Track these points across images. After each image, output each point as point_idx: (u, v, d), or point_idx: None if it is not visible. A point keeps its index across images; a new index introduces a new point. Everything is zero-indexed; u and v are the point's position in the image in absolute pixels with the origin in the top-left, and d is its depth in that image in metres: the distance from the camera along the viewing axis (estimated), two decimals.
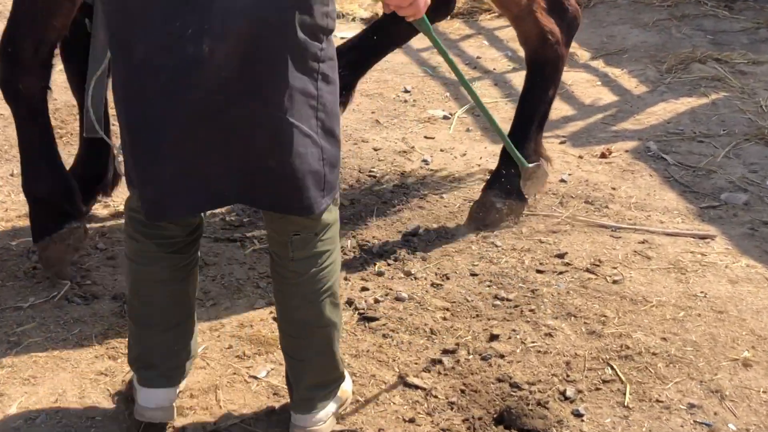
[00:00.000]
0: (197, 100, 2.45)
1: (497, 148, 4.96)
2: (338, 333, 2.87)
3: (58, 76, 4.02)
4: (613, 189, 4.59)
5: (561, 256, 4.00)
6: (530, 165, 3.94)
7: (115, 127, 4.23)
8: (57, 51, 3.69)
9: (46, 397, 3.11)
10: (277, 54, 2.44)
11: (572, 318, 3.59)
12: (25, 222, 4.16)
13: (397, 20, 3.70)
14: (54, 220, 3.75)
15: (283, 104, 2.48)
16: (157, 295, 2.84)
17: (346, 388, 3.06)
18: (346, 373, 3.05)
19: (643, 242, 4.13)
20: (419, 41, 6.62)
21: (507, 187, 4.22)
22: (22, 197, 4.33)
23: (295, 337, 2.84)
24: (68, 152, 4.50)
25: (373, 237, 4.13)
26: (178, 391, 2.98)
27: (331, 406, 2.94)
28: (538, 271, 3.90)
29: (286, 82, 2.47)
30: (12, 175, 4.63)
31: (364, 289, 3.75)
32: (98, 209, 4.28)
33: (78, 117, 4.18)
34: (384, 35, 4.46)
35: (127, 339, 3.03)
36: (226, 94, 2.45)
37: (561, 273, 3.89)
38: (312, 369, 2.86)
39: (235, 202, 2.73)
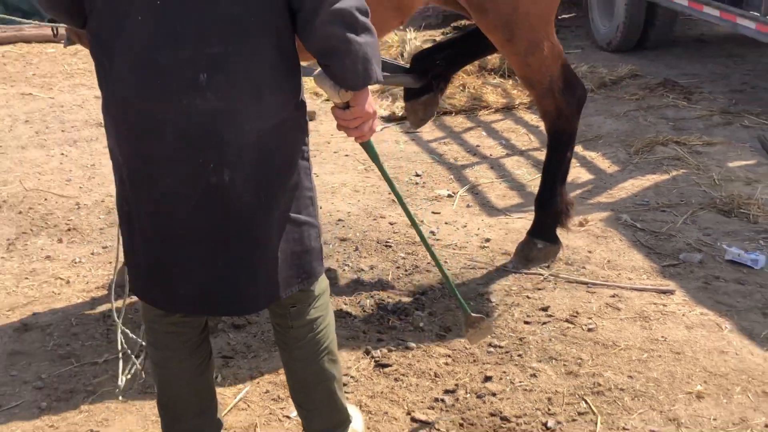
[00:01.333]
0: (221, 220, 2.44)
1: (493, 220, 5.06)
2: (339, 384, 2.85)
3: None
4: (589, 252, 4.62)
5: (545, 309, 4.03)
6: (475, 315, 3.34)
7: None
8: None
9: None
10: (283, 171, 2.48)
11: (553, 361, 3.62)
12: (102, 293, 4.26)
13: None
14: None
15: (290, 206, 2.52)
16: (183, 392, 2.81)
17: (356, 427, 3.06)
18: (355, 413, 3.08)
19: (613, 296, 4.15)
20: (429, 133, 6.76)
21: (544, 233, 4.44)
22: (100, 272, 4.47)
23: (301, 391, 2.84)
24: None
25: (389, 297, 4.18)
26: None
27: None
28: (525, 322, 3.93)
29: (291, 186, 2.51)
30: (93, 254, 4.72)
31: (379, 340, 3.80)
32: None
33: None
34: (475, 42, 4.61)
35: None
36: (248, 214, 2.45)
37: (544, 323, 3.91)
38: (319, 416, 2.87)
39: (251, 310, 2.77)
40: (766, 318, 3.94)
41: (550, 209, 4.48)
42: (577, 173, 5.79)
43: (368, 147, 2.73)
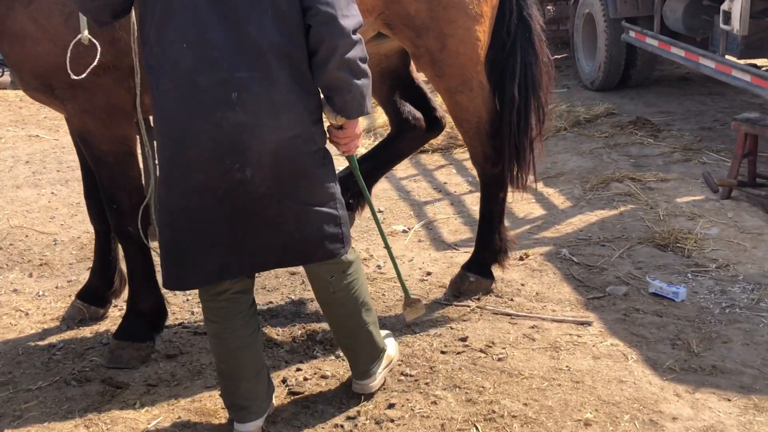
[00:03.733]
0: (242, 207, 3.02)
1: (439, 254, 5.16)
2: (375, 326, 3.49)
3: None
4: (522, 285, 4.71)
5: (463, 339, 4.11)
6: (413, 296, 3.97)
7: None
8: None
9: None
10: (295, 172, 3.05)
11: (457, 389, 3.70)
12: (54, 324, 4.44)
13: (400, 138, 4.50)
14: (141, 331, 3.98)
15: (306, 198, 3.09)
16: (239, 358, 3.27)
17: (390, 352, 3.70)
18: (389, 341, 3.75)
19: (533, 327, 4.22)
20: (403, 171, 6.89)
21: (478, 267, 4.53)
22: (60, 304, 4.65)
23: (346, 338, 3.49)
24: None
25: (320, 328, 4.28)
26: (264, 417, 3.40)
27: (380, 370, 3.60)
28: (442, 352, 4.02)
29: (306, 184, 3.08)
30: (57, 287, 4.91)
31: (298, 369, 3.89)
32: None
33: (95, 240, 4.42)
34: (391, 150, 4.69)
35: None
36: (263, 201, 3.02)
37: (459, 353, 4.00)
38: (362, 354, 3.52)
39: (275, 267, 3.26)
40: (674, 349, 3.99)
41: (487, 247, 4.57)
42: (530, 209, 5.89)
43: (351, 159, 3.46)
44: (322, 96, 3.10)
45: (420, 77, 4.74)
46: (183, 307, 4.59)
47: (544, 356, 3.95)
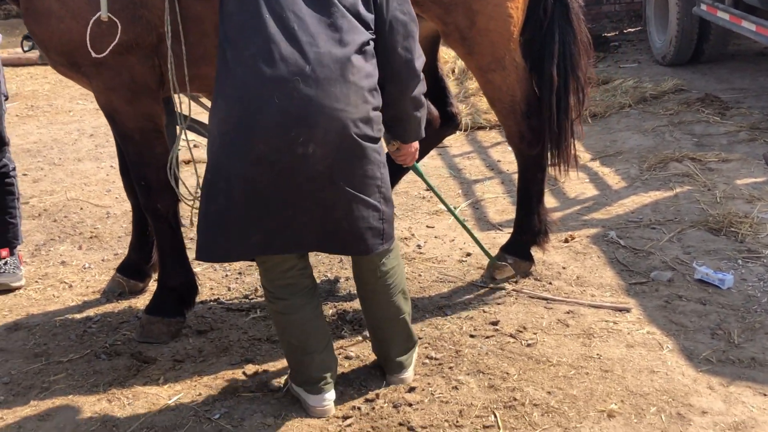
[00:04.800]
0: (298, 184, 3.02)
1: (482, 235, 5.06)
2: (409, 317, 3.52)
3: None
4: (563, 268, 4.57)
5: (495, 323, 4.02)
6: (499, 263, 4.36)
7: None
8: None
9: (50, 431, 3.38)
10: (354, 156, 3.07)
11: (481, 374, 3.61)
12: (95, 297, 4.50)
13: None
14: (172, 307, 4.00)
15: (359, 186, 3.10)
16: (309, 331, 3.32)
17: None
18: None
19: (568, 312, 4.10)
20: (457, 148, 6.79)
21: (516, 249, 4.44)
22: (103, 277, 4.72)
23: (383, 327, 3.48)
24: None
25: (351, 307, 4.24)
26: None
27: (412, 362, 3.59)
28: (471, 336, 3.93)
29: (360, 172, 3.10)
30: (103, 260, 4.98)
31: None
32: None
33: (132, 214, 4.45)
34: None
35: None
36: (319, 180, 3.03)
37: (488, 337, 3.90)
38: (397, 344, 3.50)
39: (314, 250, 3.23)
40: (713, 339, 3.81)
41: (526, 229, 4.45)
42: (582, 189, 5.72)
43: (414, 168, 3.88)
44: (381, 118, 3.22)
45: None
46: (221, 282, 4.60)
47: (576, 343, 3.82)
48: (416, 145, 3.54)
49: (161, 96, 3.71)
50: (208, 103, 4.21)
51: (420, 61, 3.25)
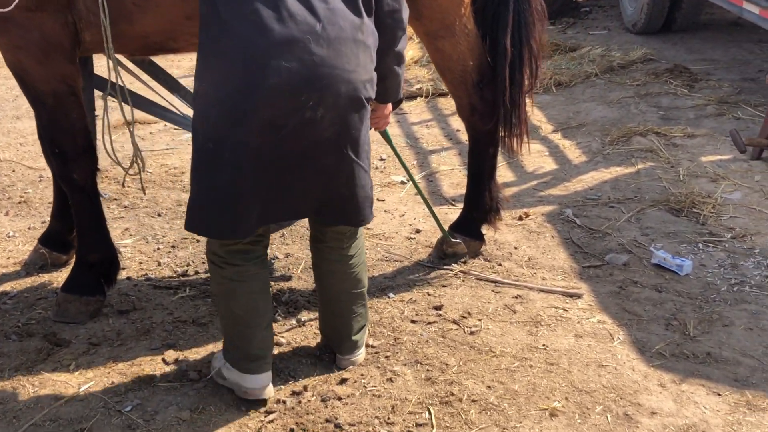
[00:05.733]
0: (302, 150, 2.81)
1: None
2: (366, 293, 3.36)
3: None
4: (515, 248, 4.32)
5: (438, 307, 3.77)
6: (453, 240, 4.13)
7: None
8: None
9: None
10: (359, 121, 2.89)
11: (418, 365, 3.36)
12: (15, 269, 4.19)
13: None
14: (90, 284, 3.70)
15: (359, 154, 2.94)
16: (257, 303, 3.08)
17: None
18: None
19: (516, 297, 3.86)
20: (417, 115, 6.50)
21: (466, 228, 4.20)
22: (27, 248, 4.40)
23: (343, 301, 3.27)
24: None
25: (287, 287, 3.98)
26: None
27: (364, 342, 3.41)
28: (412, 321, 3.68)
29: (362, 139, 2.93)
30: (29, 228, 4.66)
31: None
32: None
33: (53, 182, 4.15)
34: None
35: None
36: (324, 146, 2.84)
37: (430, 323, 3.66)
38: (356, 321, 3.30)
39: (310, 217, 3.11)
40: (667, 330, 3.59)
41: (476, 206, 4.20)
42: (541, 162, 5.47)
43: (384, 134, 3.61)
44: None
45: None
46: (152, 256, 4.31)
47: (522, 331, 3.58)
48: (390, 107, 3.33)
49: (77, 56, 3.38)
50: (132, 66, 3.92)
51: (406, 12, 3.05)
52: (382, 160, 5.57)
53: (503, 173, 5.21)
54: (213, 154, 2.82)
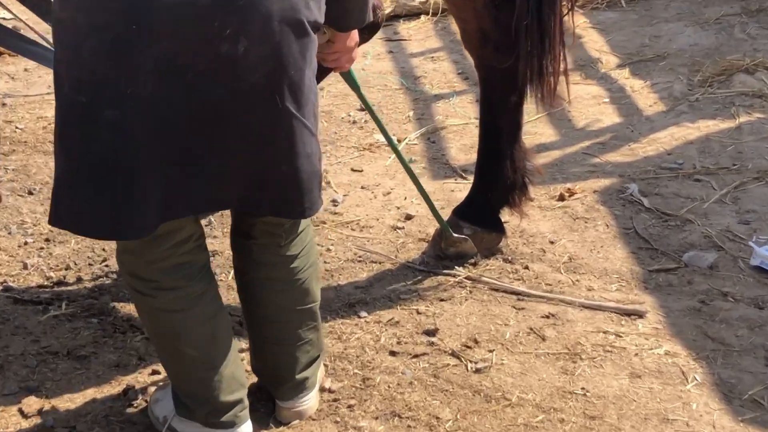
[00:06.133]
0: (218, 104, 2.78)
1: (435, 185, 4.91)
2: (318, 310, 3.40)
3: None
4: (551, 243, 4.38)
5: (431, 332, 3.83)
6: (456, 236, 4.18)
7: None
8: None
9: None
10: (300, 57, 2.85)
11: (396, 419, 3.40)
12: None
13: None
14: None
15: (302, 107, 2.90)
16: (216, 332, 3.15)
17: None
18: None
19: (548, 316, 3.91)
20: (419, 42, 6.55)
21: (477, 213, 4.27)
22: None
23: (285, 322, 3.30)
24: None
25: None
26: None
27: (318, 381, 3.45)
28: (391, 353, 3.73)
29: (306, 84, 2.90)
30: None
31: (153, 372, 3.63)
32: None
33: None
34: None
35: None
36: (250, 96, 2.80)
37: (417, 356, 3.70)
38: (303, 352, 3.34)
39: (234, 207, 3.12)
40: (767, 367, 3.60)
41: (492, 182, 4.26)
42: (598, 113, 5.56)
43: (347, 76, 3.65)
44: None
45: None
46: (16, 255, 4.36)
47: (552, 368, 3.62)
48: (356, 37, 3.33)
49: None
50: None
51: None
52: (362, 110, 5.59)
53: (538, 129, 5.32)
54: (86, 111, 2.77)
